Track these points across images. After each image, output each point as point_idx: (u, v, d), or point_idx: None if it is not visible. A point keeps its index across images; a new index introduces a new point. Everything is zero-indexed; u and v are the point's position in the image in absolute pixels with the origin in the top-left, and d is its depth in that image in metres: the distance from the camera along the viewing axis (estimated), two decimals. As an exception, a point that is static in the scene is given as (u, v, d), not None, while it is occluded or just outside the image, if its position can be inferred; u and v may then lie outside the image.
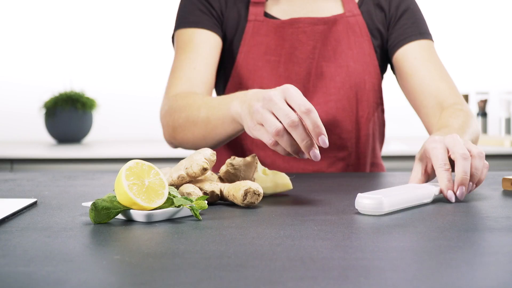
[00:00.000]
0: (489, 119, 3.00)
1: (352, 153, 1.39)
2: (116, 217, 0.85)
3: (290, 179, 1.04)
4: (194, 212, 0.83)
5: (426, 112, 1.33)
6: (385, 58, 1.43)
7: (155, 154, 2.48)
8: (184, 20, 1.38)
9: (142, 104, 3.09)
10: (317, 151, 0.90)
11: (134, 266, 0.63)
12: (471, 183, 0.97)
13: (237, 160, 0.98)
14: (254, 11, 1.37)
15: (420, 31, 1.38)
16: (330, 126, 1.36)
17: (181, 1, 1.43)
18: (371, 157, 1.42)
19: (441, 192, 0.97)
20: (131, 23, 3.07)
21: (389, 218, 0.84)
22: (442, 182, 0.96)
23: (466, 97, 2.93)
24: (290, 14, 1.38)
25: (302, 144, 0.89)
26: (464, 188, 0.95)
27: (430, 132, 1.36)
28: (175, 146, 1.34)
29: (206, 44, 1.36)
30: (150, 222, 0.82)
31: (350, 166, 1.39)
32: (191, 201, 0.84)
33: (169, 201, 0.83)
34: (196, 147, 1.25)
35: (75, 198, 1.02)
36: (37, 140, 3.03)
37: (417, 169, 1.01)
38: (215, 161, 0.95)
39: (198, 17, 1.37)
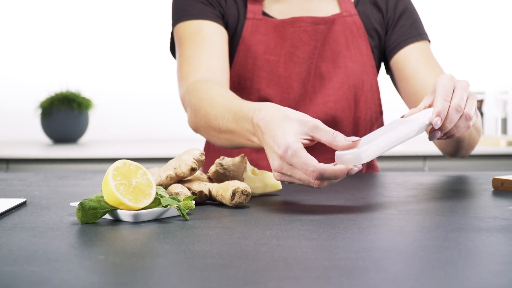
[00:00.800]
0: (485, 119, 3.00)
1: (350, 154, 1.38)
2: (103, 217, 0.84)
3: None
4: (181, 212, 0.83)
5: None
6: (381, 59, 1.43)
7: (151, 154, 2.48)
8: (185, 12, 1.35)
9: (138, 104, 3.09)
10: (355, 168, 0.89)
11: (117, 266, 0.63)
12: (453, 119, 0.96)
13: (226, 160, 0.98)
14: (252, 9, 1.36)
15: (419, 32, 1.38)
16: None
17: None
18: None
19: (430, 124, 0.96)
20: (127, 23, 3.07)
21: (376, 218, 0.84)
22: (435, 107, 0.95)
23: (462, 97, 2.93)
24: (287, 14, 1.37)
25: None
26: (439, 120, 0.94)
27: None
28: (196, 132, 1.31)
29: (216, 34, 1.33)
30: (137, 222, 0.82)
31: (347, 167, 1.39)
32: (179, 201, 0.84)
33: (157, 201, 0.83)
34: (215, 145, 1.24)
35: (65, 198, 1.02)
36: (33, 140, 3.02)
37: (421, 104, 1.00)
38: (204, 161, 0.95)
39: (202, 10, 1.34)
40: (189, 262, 0.63)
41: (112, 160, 2.48)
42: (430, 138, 0.97)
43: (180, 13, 1.36)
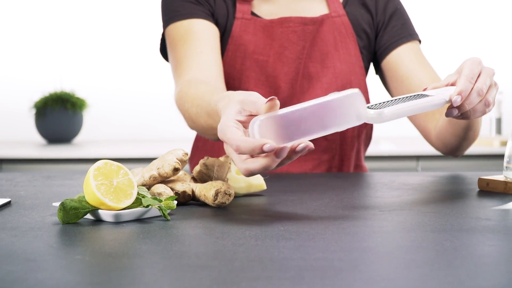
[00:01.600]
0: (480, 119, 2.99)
1: (336, 155, 1.38)
2: (85, 217, 0.84)
3: (264, 179, 1.04)
4: (162, 212, 0.83)
5: (424, 114, 1.33)
6: (370, 59, 1.42)
7: (145, 154, 2.48)
8: (175, 13, 1.34)
9: (132, 104, 3.09)
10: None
11: (93, 266, 0.63)
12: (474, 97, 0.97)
13: (210, 160, 0.98)
14: (241, 9, 1.36)
15: (410, 33, 1.38)
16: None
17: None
18: (355, 159, 1.42)
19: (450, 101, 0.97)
20: (121, 23, 3.07)
21: (358, 218, 0.84)
22: (458, 86, 0.96)
23: (456, 97, 2.93)
24: (276, 14, 1.37)
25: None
26: (460, 98, 0.95)
27: (425, 136, 1.35)
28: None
29: (206, 31, 1.32)
30: (118, 222, 0.82)
31: (334, 168, 1.39)
32: (160, 201, 0.84)
33: (138, 201, 0.83)
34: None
35: (50, 198, 1.02)
36: (27, 140, 3.02)
37: (443, 80, 1.01)
38: (187, 161, 0.95)
39: (191, 9, 1.34)
40: (165, 262, 0.64)
41: (106, 160, 2.48)
42: (447, 115, 0.98)
43: (170, 14, 1.35)
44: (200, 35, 1.31)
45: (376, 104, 0.91)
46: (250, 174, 0.82)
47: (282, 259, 0.64)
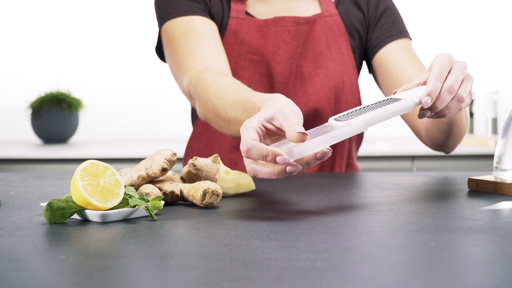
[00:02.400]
0: (475, 119, 3.00)
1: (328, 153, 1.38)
2: (72, 217, 0.84)
3: (253, 179, 1.04)
4: (149, 212, 0.83)
5: (413, 112, 1.32)
6: (362, 58, 1.43)
7: (141, 154, 2.48)
8: (173, 10, 1.33)
9: (129, 104, 3.09)
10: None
11: (75, 266, 0.63)
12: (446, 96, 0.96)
13: (199, 161, 0.98)
14: (236, 8, 1.36)
15: (400, 30, 1.38)
16: (309, 127, 1.35)
17: None
18: (347, 158, 1.42)
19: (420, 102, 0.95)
20: (118, 23, 3.07)
21: (345, 218, 0.84)
22: (427, 87, 0.94)
23: (452, 98, 2.93)
24: (270, 14, 1.37)
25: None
26: (429, 99, 0.93)
27: (416, 133, 1.35)
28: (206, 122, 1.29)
29: (208, 26, 1.31)
30: (105, 222, 0.82)
31: (326, 167, 1.39)
32: (147, 201, 0.84)
33: (125, 201, 0.84)
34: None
35: (39, 198, 1.02)
36: (23, 140, 3.02)
37: (416, 79, 1.00)
38: (175, 161, 0.95)
39: (189, 6, 1.33)
40: (148, 262, 0.64)
41: (102, 160, 2.48)
42: (420, 116, 0.97)
43: (167, 12, 1.33)
44: (203, 30, 1.30)
45: (343, 115, 0.91)
46: (254, 176, 0.84)
47: (265, 259, 0.64)
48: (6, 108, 3.06)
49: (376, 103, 0.94)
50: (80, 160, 2.49)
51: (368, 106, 0.93)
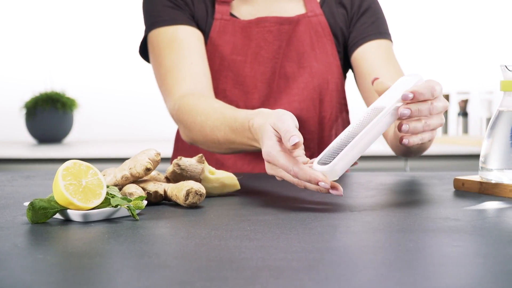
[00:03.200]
0: (470, 119, 3.00)
1: (314, 154, 1.38)
2: (55, 216, 0.85)
3: (238, 180, 1.04)
4: (131, 212, 0.83)
5: None
6: (346, 59, 1.43)
7: (135, 154, 2.48)
8: (158, 19, 1.35)
9: (123, 104, 3.09)
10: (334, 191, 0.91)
11: (52, 265, 0.63)
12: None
13: (183, 161, 0.98)
14: (220, 10, 1.36)
15: (380, 31, 1.38)
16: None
17: (144, 1, 1.40)
18: (334, 158, 1.41)
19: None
20: (112, 23, 3.07)
21: (326, 218, 0.84)
22: (413, 87, 0.92)
23: (446, 97, 2.93)
24: (254, 15, 1.38)
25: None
26: (411, 94, 0.90)
27: (384, 135, 1.33)
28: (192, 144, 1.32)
29: (192, 38, 1.33)
30: (87, 222, 0.82)
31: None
32: (130, 201, 0.84)
33: (107, 201, 0.84)
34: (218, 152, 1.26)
35: (24, 198, 1.02)
36: (18, 140, 3.02)
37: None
38: (159, 161, 0.95)
39: (173, 15, 1.34)
40: (124, 262, 0.64)
41: (96, 160, 2.48)
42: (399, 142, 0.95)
43: (153, 20, 1.36)
44: (187, 43, 1.32)
45: (322, 158, 0.90)
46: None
47: (242, 259, 0.64)
48: (1, 108, 3.06)
49: (351, 132, 0.92)
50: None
51: (341, 143, 0.91)
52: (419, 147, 1.21)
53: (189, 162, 0.98)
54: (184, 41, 1.32)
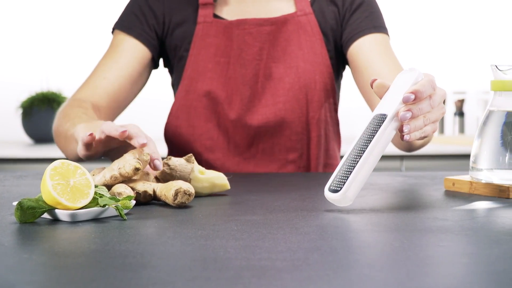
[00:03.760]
0: (466, 118, 3.00)
1: (303, 154, 1.38)
2: (43, 216, 0.85)
3: (228, 179, 1.04)
4: (119, 211, 0.83)
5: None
6: (341, 56, 1.42)
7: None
8: (120, 21, 1.41)
9: (120, 104, 3.09)
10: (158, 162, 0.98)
11: (36, 265, 0.63)
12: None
13: (173, 161, 0.98)
14: (203, 13, 1.37)
15: (375, 25, 1.37)
16: (279, 128, 1.35)
17: (129, 1, 1.44)
18: (324, 158, 1.41)
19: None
20: (107, 23, 3.07)
21: (314, 218, 0.84)
22: (413, 86, 0.90)
23: (443, 98, 2.93)
24: (240, 15, 1.38)
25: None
26: (412, 96, 0.88)
27: None
28: None
29: (129, 54, 1.38)
30: (74, 221, 0.82)
31: (302, 168, 1.38)
32: (118, 200, 0.84)
33: (95, 201, 0.84)
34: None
35: (15, 197, 1.02)
36: (14, 140, 3.02)
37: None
38: (148, 161, 0.95)
39: (131, 23, 1.39)
40: (108, 261, 0.64)
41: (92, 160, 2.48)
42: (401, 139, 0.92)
43: (119, 19, 1.43)
44: (118, 57, 1.39)
45: (332, 183, 0.89)
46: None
47: (226, 259, 0.64)
48: (-3, 108, 3.06)
49: (356, 158, 0.89)
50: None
51: (348, 165, 0.89)
52: (423, 140, 1.21)
53: (179, 162, 0.98)
54: (118, 53, 1.39)
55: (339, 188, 0.87)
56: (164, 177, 0.98)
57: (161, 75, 1.66)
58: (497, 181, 1.03)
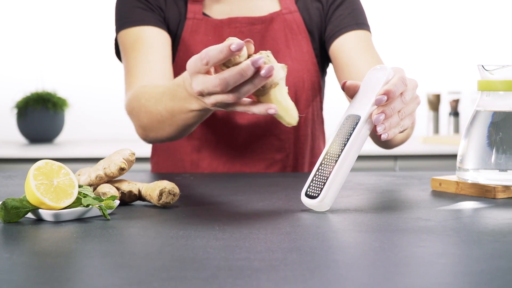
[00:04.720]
0: (461, 118, 3.00)
1: (290, 153, 1.37)
2: (27, 216, 0.85)
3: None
4: (102, 211, 0.83)
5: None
6: (325, 52, 1.42)
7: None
8: (126, 20, 1.36)
9: (114, 104, 3.09)
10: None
11: (16, 265, 0.63)
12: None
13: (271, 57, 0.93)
14: (192, 9, 1.36)
15: (357, 22, 1.37)
16: (269, 127, 1.35)
17: (117, 2, 1.41)
18: (310, 157, 1.41)
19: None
20: (102, 23, 3.07)
21: (297, 218, 0.84)
22: (386, 86, 0.89)
23: (438, 97, 2.93)
24: (227, 14, 1.37)
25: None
26: (385, 97, 0.87)
27: None
28: (149, 142, 1.33)
29: (156, 38, 1.33)
30: (58, 221, 0.82)
31: (288, 167, 1.38)
32: (101, 200, 0.84)
33: (79, 201, 0.84)
34: (171, 140, 1.26)
35: (1, 197, 1.02)
36: (8, 140, 3.02)
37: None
38: (134, 161, 0.95)
39: (141, 15, 1.35)
40: (87, 261, 0.64)
41: (88, 160, 2.49)
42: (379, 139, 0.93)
43: (122, 20, 1.37)
44: (150, 43, 1.33)
45: (309, 188, 0.88)
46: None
47: (204, 259, 0.64)
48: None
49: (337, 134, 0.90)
50: (65, 160, 2.49)
51: (321, 170, 0.89)
52: (403, 134, 1.21)
53: (275, 64, 0.92)
54: (147, 41, 1.33)
55: (317, 195, 0.87)
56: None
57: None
58: (483, 181, 1.03)
